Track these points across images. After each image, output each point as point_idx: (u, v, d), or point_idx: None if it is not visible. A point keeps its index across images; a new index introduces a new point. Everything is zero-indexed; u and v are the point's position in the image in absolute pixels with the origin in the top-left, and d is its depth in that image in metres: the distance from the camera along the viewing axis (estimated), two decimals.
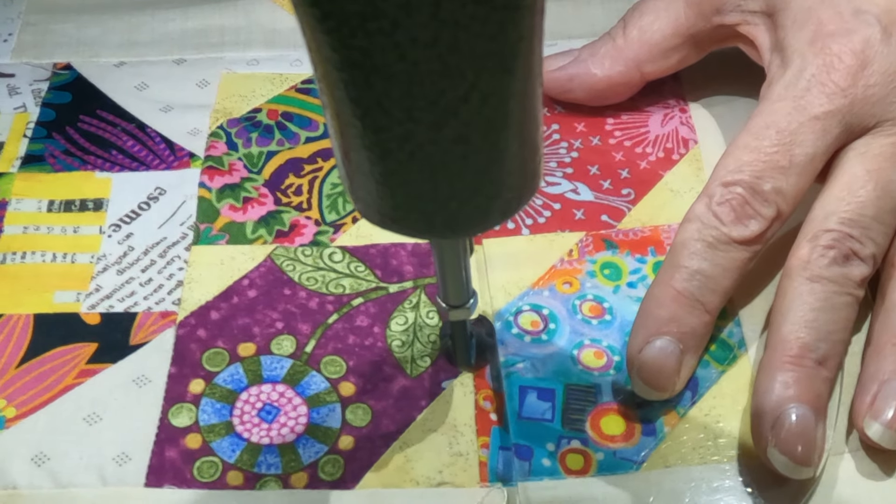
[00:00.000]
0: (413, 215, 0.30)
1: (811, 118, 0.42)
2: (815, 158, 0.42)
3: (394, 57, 0.26)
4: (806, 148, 0.42)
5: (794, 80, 0.43)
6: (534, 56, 0.28)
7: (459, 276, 0.37)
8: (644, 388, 0.40)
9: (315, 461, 0.39)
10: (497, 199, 0.30)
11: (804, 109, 0.42)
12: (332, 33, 0.26)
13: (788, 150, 0.41)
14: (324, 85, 0.28)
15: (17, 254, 0.45)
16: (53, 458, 0.39)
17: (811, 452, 0.37)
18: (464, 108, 0.27)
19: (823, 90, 0.42)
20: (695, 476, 0.39)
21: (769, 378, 0.39)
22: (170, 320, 0.43)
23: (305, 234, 0.46)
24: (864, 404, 0.39)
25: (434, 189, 0.29)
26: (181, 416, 0.41)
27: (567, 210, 0.47)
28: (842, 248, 0.40)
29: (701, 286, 0.40)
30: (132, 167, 0.49)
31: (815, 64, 0.42)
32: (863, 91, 0.42)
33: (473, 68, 0.27)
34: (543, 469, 0.39)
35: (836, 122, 0.42)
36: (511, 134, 0.29)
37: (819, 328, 0.39)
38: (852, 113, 0.42)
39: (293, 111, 0.51)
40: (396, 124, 0.28)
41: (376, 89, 0.27)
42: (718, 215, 0.41)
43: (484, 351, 0.42)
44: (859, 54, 0.42)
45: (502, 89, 0.28)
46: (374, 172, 0.29)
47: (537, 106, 0.30)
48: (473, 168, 0.29)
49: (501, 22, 0.26)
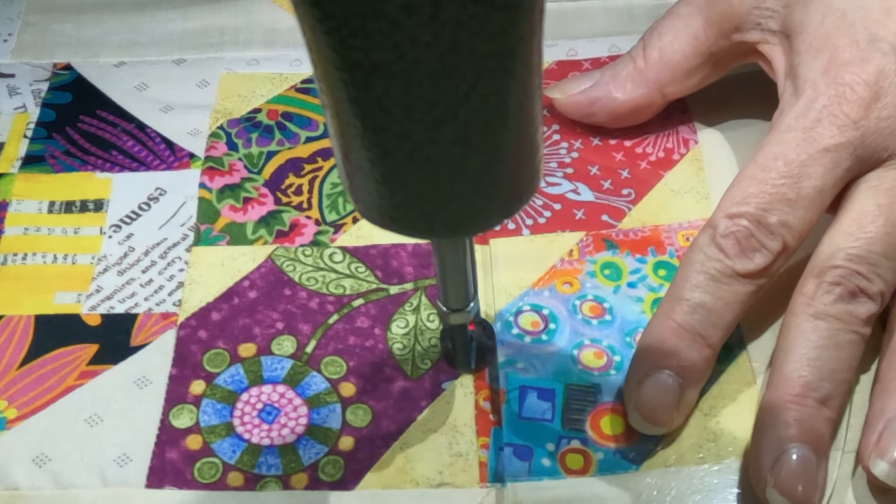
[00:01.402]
0: (413, 215, 0.30)
1: (821, 150, 0.41)
2: (824, 192, 0.41)
3: (394, 57, 0.26)
4: (814, 181, 0.40)
5: (805, 111, 0.41)
6: (534, 56, 0.28)
7: (460, 279, 0.37)
8: (641, 423, 0.39)
9: (315, 462, 0.40)
10: (497, 199, 0.30)
11: (814, 141, 0.41)
12: (332, 33, 0.26)
13: (796, 182, 0.40)
14: (324, 85, 0.28)
15: (17, 255, 0.45)
16: (55, 458, 0.39)
17: (812, 493, 0.37)
18: (464, 108, 0.27)
19: (835, 122, 0.41)
20: (694, 476, 0.39)
21: (770, 417, 0.38)
22: (171, 321, 0.43)
23: (306, 234, 0.46)
24: (869, 442, 0.38)
25: (434, 189, 0.29)
26: (182, 417, 0.41)
27: (567, 210, 0.47)
28: (848, 285, 0.39)
29: (703, 320, 0.40)
30: (132, 167, 0.49)
31: (826, 94, 0.41)
32: (875, 123, 0.41)
33: (473, 68, 0.27)
34: (543, 469, 0.39)
35: (846, 154, 0.41)
36: (511, 134, 0.29)
37: (822, 367, 0.38)
38: (864, 145, 0.41)
39: (293, 111, 0.51)
40: (396, 124, 0.28)
41: (376, 89, 0.27)
42: (723, 248, 0.40)
43: (484, 354, 0.42)
44: (873, 85, 0.41)
45: (502, 89, 0.28)
46: (374, 172, 0.29)
47: (537, 106, 0.29)
48: (473, 168, 0.29)
49: (501, 22, 0.26)
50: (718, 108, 0.51)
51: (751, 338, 0.43)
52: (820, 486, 0.37)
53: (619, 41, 0.54)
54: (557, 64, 0.54)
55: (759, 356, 0.42)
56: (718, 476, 0.39)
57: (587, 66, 0.53)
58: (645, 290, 0.45)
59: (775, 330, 0.42)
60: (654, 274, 0.45)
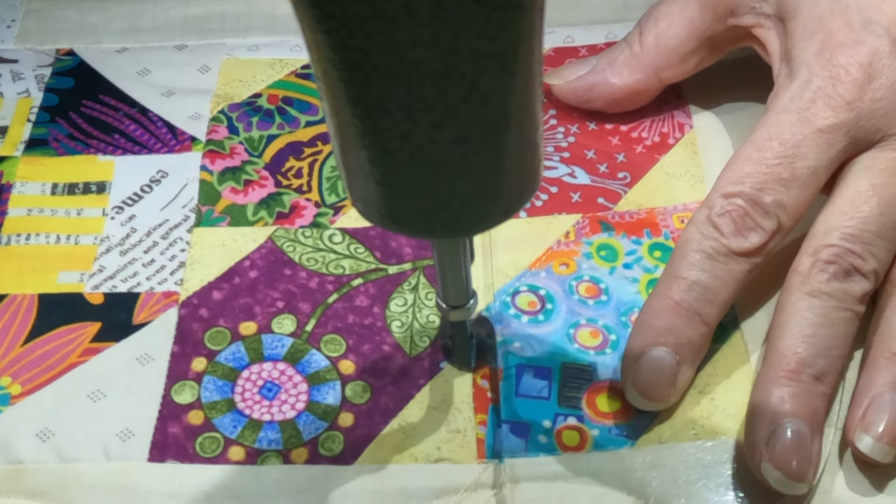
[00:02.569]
0: (413, 215, 0.30)
1: (815, 131, 0.41)
2: (819, 172, 0.41)
3: (394, 57, 0.26)
4: (809, 161, 0.41)
5: (800, 93, 0.42)
6: (534, 56, 0.28)
7: (460, 277, 0.37)
8: (639, 399, 0.40)
9: (315, 437, 0.40)
10: (497, 199, 0.30)
11: (808, 122, 0.41)
12: (331, 34, 0.26)
13: (791, 162, 0.41)
14: (323, 85, 0.28)
15: (21, 235, 0.46)
16: (58, 433, 0.40)
17: (806, 468, 0.37)
18: (464, 109, 0.28)
19: (829, 103, 0.41)
20: (689, 452, 0.40)
21: (765, 392, 0.39)
22: (172, 300, 0.44)
23: (305, 215, 0.47)
24: (855, 418, 0.39)
25: (434, 189, 0.29)
26: (184, 393, 0.41)
27: (564, 193, 0.48)
28: (842, 264, 0.40)
29: (699, 297, 0.40)
30: (135, 151, 0.49)
31: (821, 76, 0.42)
32: (869, 105, 0.41)
33: (474, 69, 0.27)
34: (540, 445, 0.40)
35: (840, 135, 0.41)
36: (511, 134, 0.29)
37: (817, 343, 0.39)
38: (858, 126, 0.41)
39: (293, 96, 0.52)
40: (396, 124, 0.28)
41: (376, 89, 0.27)
42: (718, 226, 0.41)
43: (484, 352, 0.42)
44: (866, 67, 0.41)
45: (502, 89, 0.28)
46: (374, 173, 0.29)
47: (537, 106, 0.30)
48: (473, 168, 0.29)
49: (501, 22, 0.26)
50: (714, 92, 0.51)
51: (745, 317, 0.43)
52: (814, 461, 0.38)
53: (615, 28, 0.55)
54: (555, 51, 0.54)
55: (753, 335, 0.43)
56: (712, 452, 0.40)
57: (584, 52, 0.54)
58: (640, 271, 0.45)
59: (769, 309, 0.43)
60: (650, 255, 0.46)
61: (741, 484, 0.39)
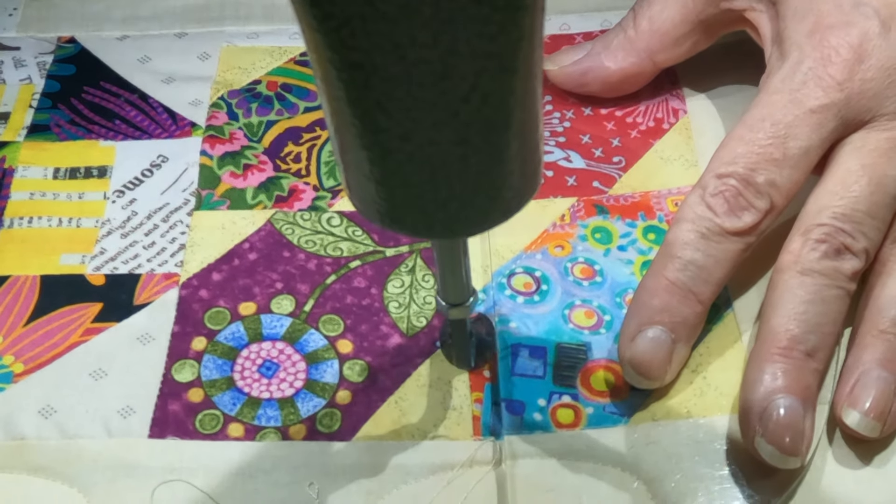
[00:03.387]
0: (413, 216, 0.30)
1: (807, 111, 0.42)
2: (810, 152, 0.42)
3: (394, 58, 0.26)
4: (801, 141, 0.42)
5: (792, 73, 0.43)
6: (534, 56, 0.28)
7: (459, 275, 0.37)
8: (635, 377, 0.41)
9: (313, 414, 0.41)
10: (497, 200, 0.30)
11: (800, 102, 0.42)
12: (331, 34, 0.26)
13: (783, 142, 0.42)
14: (324, 86, 0.28)
15: (23, 218, 0.47)
16: (60, 410, 0.41)
17: (799, 442, 0.38)
18: (464, 109, 0.28)
19: (820, 84, 0.42)
20: (682, 430, 0.40)
21: (758, 369, 0.39)
22: (173, 281, 0.45)
23: (304, 199, 0.48)
24: (843, 394, 0.39)
25: (434, 190, 0.29)
26: (184, 371, 0.42)
27: (559, 177, 0.49)
28: (833, 243, 0.40)
29: (694, 277, 0.41)
30: (135, 136, 0.50)
31: (812, 57, 0.42)
32: (859, 85, 0.42)
33: (473, 69, 0.27)
34: (535, 423, 0.41)
35: (831, 115, 0.42)
36: (511, 134, 0.29)
37: (809, 321, 0.39)
38: (848, 107, 0.42)
39: (292, 82, 0.52)
40: (396, 125, 0.28)
41: (376, 90, 0.27)
42: (712, 206, 0.41)
43: (484, 351, 0.42)
44: (857, 48, 0.42)
45: (502, 90, 0.28)
46: (374, 172, 0.29)
47: (537, 106, 0.30)
48: (473, 169, 0.29)
49: (502, 22, 0.26)
50: (707, 78, 0.52)
51: (737, 298, 0.44)
52: (807, 436, 0.38)
53: (610, 16, 0.55)
54: (550, 38, 0.55)
55: (745, 315, 0.44)
56: (705, 429, 0.40)
57: (579, 40, 0.54)
58: (635, 252, 0.46)
59: (761, 290, 0.44)
60: (644, 238, 0.46)
61: (734, 460, 0.39)
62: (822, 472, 0.39)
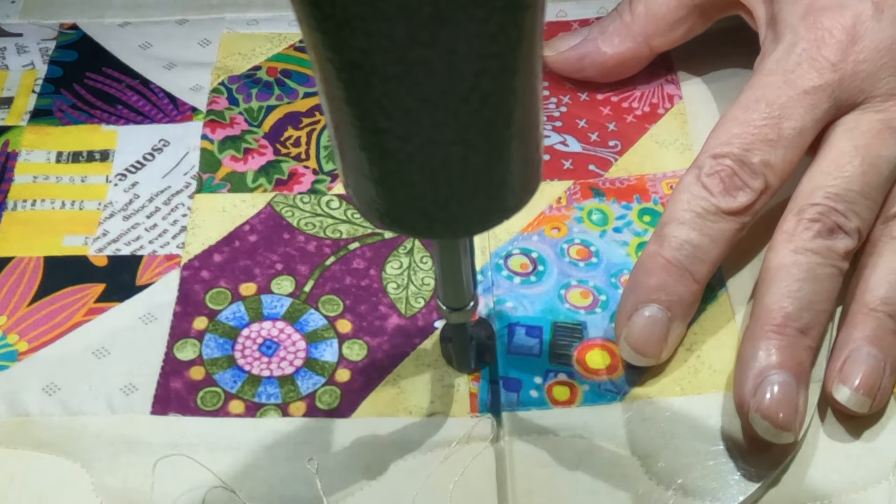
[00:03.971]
0: (413, 216, 0.30)
1: (801, 92, 0.42)
2: (804, 132, 0.42)
3: (393, 58, 0.26)
4: (795, 122, 0.42)
5: (786, 55, 0.43)
6: (534, 56, 0.28)
7: (459, 278, 0.36)
8: (632, 355, 0.41)
9: (313, 392, 0.41)
10: (498, 200, 0.30)
11: (794, 84, 0.43)
12: (331, 34, 0.26)
13: (777, 123, 0.42)
14: (324, 86, 0.28)
15: (27, 201, 0.47)
16: (64, 388, 0.41)
17: (792, 417, 0.38)
18: (464, 109, 0.27)
19: (814, 65, 0.43)
20: (675, 406, 0.41)
21: (752, 346, 0.40)
22: (174, 262, 0.45)
23: (304, 182, 0.48)
24: (834, 370, 0.40)
25: (434, 190, 0.29)
26: (185, 350, 0.42)
27: (556, 160, 0.49)
28: (826, 222, 0.41)
29: (689, 255, 0.41)
30: (137, 120, 0.51)
31: (806, 39, 0.43)
32: (852, 67, 0.42)
33: (474, 69, 0.27)
34: (531, 400, 0.41)
35: (825, 96, 0.42)
36: (511, 134, 0.29)
37: (802, 298, 0.40)
38: (841, 88, 0.42)
39: (292, 68, 0.53)
40: (396, 125, 0.28)
41: (376, 90, 0.27)
42: (707, 186, 0.42)
43: (484, 354, 0.42)
44: (850, 30, 0.43)
45: (503, 90, 0.28)
46: (374, 173, 0.29)
47: (538, 106, 0.30)
48: (474, 169, 0.29)
49: (502, 23, 0.26)
50: (702, 64, 0.53)
51: (731, 278, 0.45)
52: (801, 412, 0.39)
53: (607, 3, 0.56)
54: (547, 25, 0.55)
55: (739, 295, 0.44)
56: (699, 406, 0.41)
57: (576, 27, 0.55)
58: (630, 234, 0.46)
59: (755, 270, 0.44)
60: (639, 220, 0.47)
61: (727, 436, 0.40)
62: (815, 448, 0.40)
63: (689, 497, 0.38)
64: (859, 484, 0.39)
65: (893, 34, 0.43)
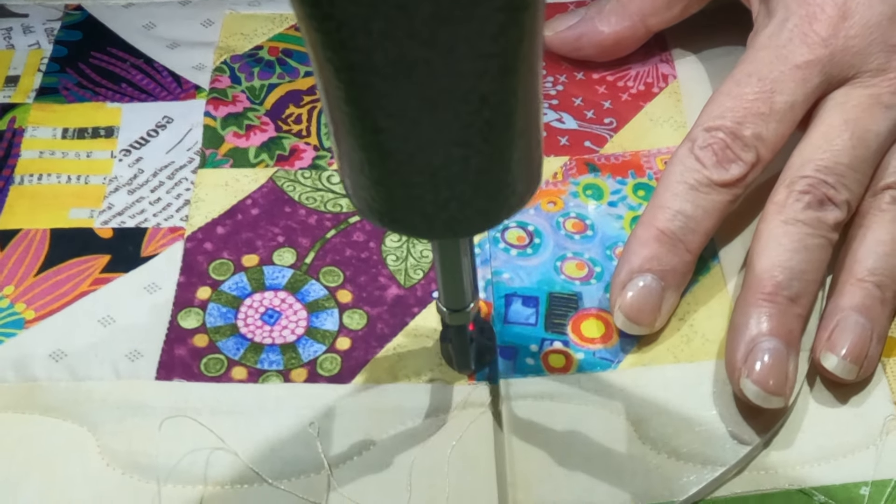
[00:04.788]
0: (413, 216, 0.30)
1: (792, 67, 0.43)
2: (796, 106, 0.43)
3: (394, 58, 0.26)
4: (786, 96, 0.43)
5: (778, 31, 0.44)
6: (534, 56, 0.28)
7: (459, 279, 0.36)
8: (626, 323, 0.42)
9: (314, 359, 0.42)
10: (498, 200, 0.30)
11: (786, 59, 0.43)
12: (332, 35, 0.26)
13: (769, 97, 0.43)
14: (324, 86, 0.28)
15: (34, 175, 0.48)
16: (70, 354, 0.42)
17: (783, 382, 0.39)
18: (464, 109, 0.28)
19: (805, 40, 0.44)
20: (667, 374, 0.42)
21: (744, 314, 0.41)
22: (178, 234, 0.46)
23: (305, 158, 0.49)
24: (822, 339, 0.41)
25: (434, 190, 0.29)
26: (189, 318, 0.43)
27: (552, 137, 0.50)
28: (816, 194, 0.42)
29: (683, 226, 0.42)
30: (141, 98, 0.52)
31: (798, 14, 0.44)
32: (843, 42, 0.43)
33: (474, 69, 0.27)
34: (527, 367, 0.42)
35: (816, 71, 0.43)
36: (512, 135, 0.29)
37: (793, 268, 0.41)
38: (832, 63, 0.43)
39: (293, 48, 0.54)
40: (396, 125, 0.28)
41: (376, 90, 0.27)
42: (701, 159, 0.43)
43: (483, 355, 0.42)
44: (841, 6, 0.43)
45: (503, 90, 0.28)
46: (374, 173, 0.29)
47: (538, 106, 0.30)
48: (474, 169, 0.29)
49: (502, 23, 0.26)
50: (697, 45, 0.54)
51: (723, 249, 0.46)
52: (790, 378, 0.40)
53: None
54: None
55: (731, 267, 0.45)
56: (691, 373, 0.42)
57: (572, 8, 0.56)
58: (625, 208, 0.47)
59: (746, 242, 0.45)
60: (634, 194, 0.48)
61: (719, 402, 0.41)
62: (804, 414, 0.41)
63: (681, 461, 0.39)
64: (846, 449, 0.40)
65: (883, 10, 0.44)
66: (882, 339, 0.41)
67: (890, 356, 0.42)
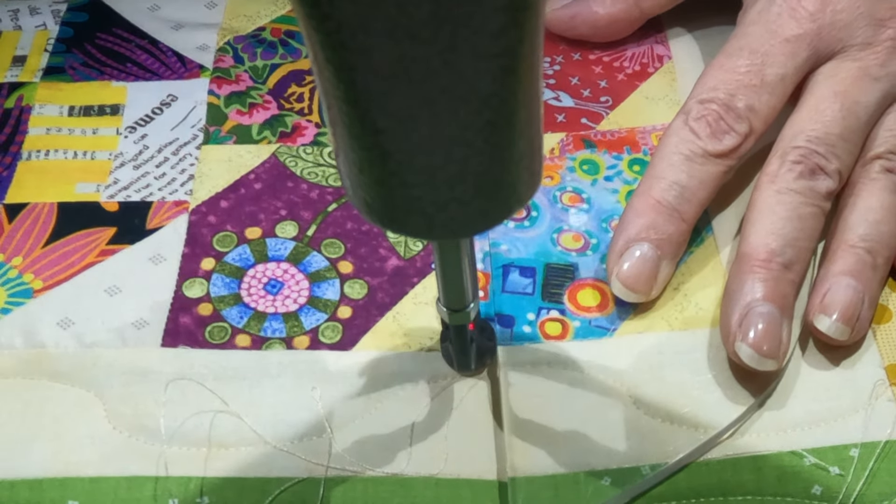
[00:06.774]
0: (413, 217, 0.30)
1: (782, 41, 0.45)
2: (786, 79, 0.45)
3: (394, 58, 0.26)
4: (777, 69, 0.44)
5: (768, 6, 0.45)
6: (535, 56, 0.28)
7: (460, 279, 0.36)
8: (623, 291, 0.43)
9: (316, 327, 0.43)
10: (498, 200, 0.30)
11: (775, 33, 0.45)
12: (331, 34, 0.26)
13: (760, 70, 0.44)
14: (324, 86, 0.28)
15: (41, 151, 0.49)
16: (78, 322, 0.43)
17: (776, 346, 0.40)
18: (465, 110, 0.27)
19: (794, 15, 0.45)
20: (662, 341, 0.43)
21: (738, 280, 0.42)
22: (182, 208, 0.47)
23: (307, 135, 0.50)
24: (815, 302, 0.42)
25: (434, 191, 0.29)
26: (194, 288, 0.44)
27: (549, 114, 0.51)
28: (808, 164, 0.43)
29: (678, 196, 0.43)
30: (146, 77, 0.53)
31: None
32: (830, 17, 0.45)
33: (475, 70, 0.27)
34: (524, 335, 0.43)
35: (805, 45, 0.45)
36: (512, 135, 0.29)
37: (786, 235, 0.42)
38: (820, 37, 0.45)
39: (295, 29, 0.55)
40: (396, 125, 0.28)
41: (376, 90, 0.27)
42: (695, 130, 0.44)
43: (484, 355, 0.42)
44: None
45: (503, 90, 0.28)
46: (374, 173, 0.29)
47: (538, 106, 0.30)
48: (474, 170, 0.29)
49: (503, 23, 0.26)
50: (691, 27, 0.55)
51: (717, 220, 0.47)
52: (784, 342, 0.40)
53: None
54: None
55: (724, 238, 0.46)
56: (686, 340, 0.43)
57: None
58: (620, 183, 0.48)
59: (739, 213, 0.46)
60: (629, 169, 0.49)
61: (713, 367, 0.42)
62: (796, 379, 0.42)
63: (675, 424, 0.40)
64: (837, 412, 0.41)
65: None
66: (873, 304, 0.42)
67: (880, 322, 0.43)
